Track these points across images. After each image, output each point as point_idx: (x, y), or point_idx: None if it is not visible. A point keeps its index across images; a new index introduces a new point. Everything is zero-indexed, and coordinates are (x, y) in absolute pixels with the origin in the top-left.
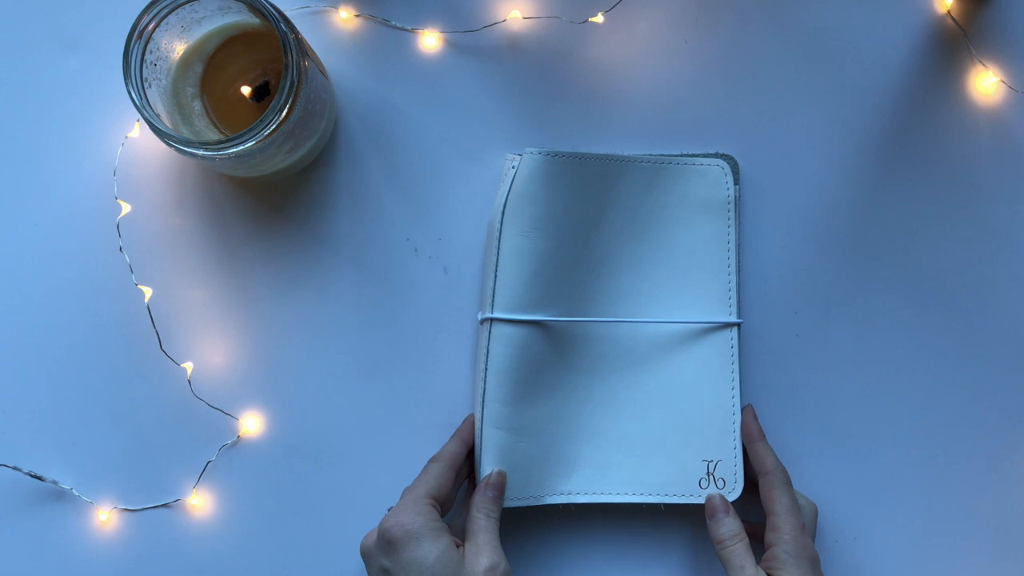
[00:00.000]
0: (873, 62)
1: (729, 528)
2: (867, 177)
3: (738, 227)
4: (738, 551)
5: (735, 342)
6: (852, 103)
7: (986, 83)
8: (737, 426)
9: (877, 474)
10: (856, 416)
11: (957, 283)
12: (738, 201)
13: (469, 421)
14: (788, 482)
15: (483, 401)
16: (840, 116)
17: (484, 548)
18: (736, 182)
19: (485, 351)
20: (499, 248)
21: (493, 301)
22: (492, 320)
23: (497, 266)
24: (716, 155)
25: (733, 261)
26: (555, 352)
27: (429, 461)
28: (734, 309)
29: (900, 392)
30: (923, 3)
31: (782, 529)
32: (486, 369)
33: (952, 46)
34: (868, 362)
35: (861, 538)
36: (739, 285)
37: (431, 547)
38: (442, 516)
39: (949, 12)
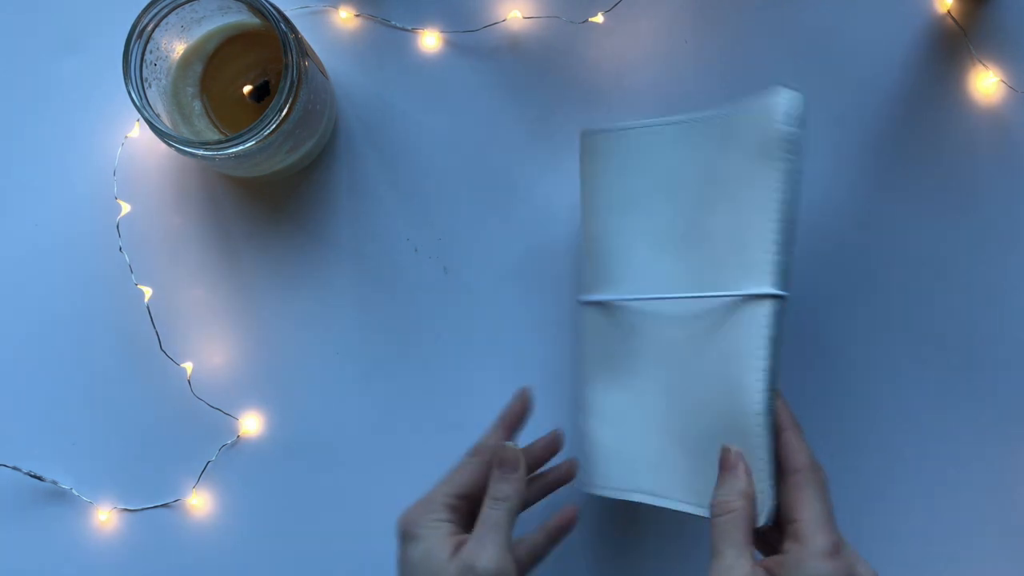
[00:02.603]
0: (873, 62)
1: (739, 489)
2: (866, 177)
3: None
4: (735, 520)
5: (770, 326)
6: (851, 103)
7: (986, 83)
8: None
9: (879, 474)
10: (856, 417)
11: (957, 283)
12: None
13: (522, 399)
14: (823, 484)
15: (586, 387)
16: (839, 115)
17: (486, 543)
18: (798, 124)
19: (585, 334)
20: (586, 231)
21: (591, 282)
22: (587, 303)
23: (589, 248)
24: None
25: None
26: (634, 336)
27: (467, 453)
28: (775, 279)
29: (901, 393)
30: (923, 3)
31: (808, 541)
32: (585, 354)
33: (952, 46)
34: (868, 363)
35: (862, 537)
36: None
37: (419, 545)
38: (472, 509)
39: (949, 12)
